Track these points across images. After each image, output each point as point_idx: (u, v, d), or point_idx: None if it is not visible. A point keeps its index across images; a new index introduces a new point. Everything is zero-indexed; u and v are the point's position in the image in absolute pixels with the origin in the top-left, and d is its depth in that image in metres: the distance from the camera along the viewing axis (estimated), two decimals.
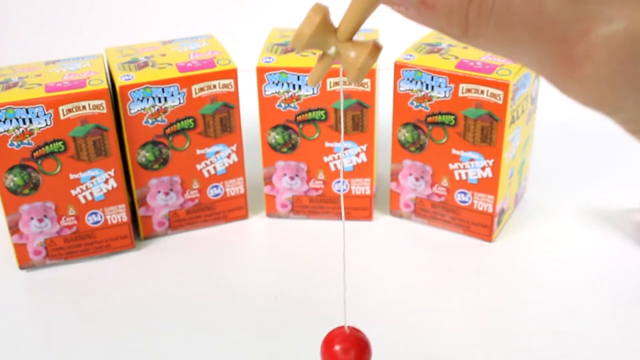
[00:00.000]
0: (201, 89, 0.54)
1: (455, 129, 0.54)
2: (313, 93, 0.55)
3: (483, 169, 0.55)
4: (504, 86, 0.51)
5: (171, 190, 0.57)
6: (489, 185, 0.55)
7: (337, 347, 0.36)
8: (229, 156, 0.58)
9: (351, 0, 0.25)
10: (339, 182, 0.59)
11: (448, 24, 0.21)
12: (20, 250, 0.54)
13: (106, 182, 0.54)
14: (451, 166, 0.56)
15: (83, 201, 0.54)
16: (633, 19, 0.19)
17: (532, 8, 0.19)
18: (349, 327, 0.37)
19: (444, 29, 0.21)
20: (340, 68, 0.28)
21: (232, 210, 0.60)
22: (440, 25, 0.21)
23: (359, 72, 0.26)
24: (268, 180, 0.59)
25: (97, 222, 0.55)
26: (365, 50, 0.26)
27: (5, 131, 0.50)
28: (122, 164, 0.55)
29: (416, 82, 0.54)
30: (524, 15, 0.20)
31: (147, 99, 0.53)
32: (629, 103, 0.20)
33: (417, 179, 0.58)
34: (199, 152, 0.57)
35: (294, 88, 0.55)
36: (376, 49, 0.26)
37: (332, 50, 0.26)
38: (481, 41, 0.21)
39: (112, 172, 0.54)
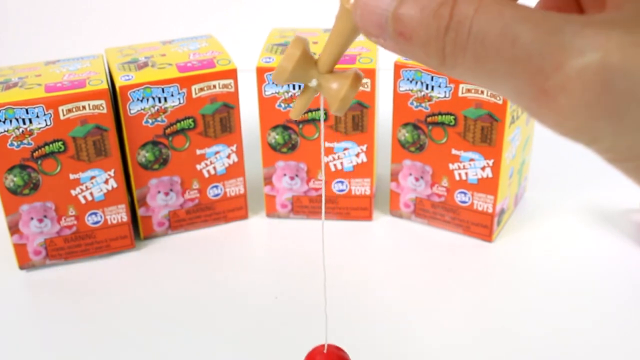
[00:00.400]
0: (201, 89, 0.54)
1: (455, 129, 0.54)
2: None
3: (483, 169, 0.55)
4: None
5: (171, 190, 0.57)
6: (488, 185, 0.55)
7: None
8: (229, 156, 0.58)
9: (330, 34, 0.25)
10: (339, 182, 0.59)
11: (425, 54, 0.21)
12: (20, 250, 0.54)
13: (106, 182, 0.54)
14: (451, 166, 0.56)
15: (83, 201, 0.54)
16: (606, 51, 0.19)
17: (506, 40, 0.20)
18: (328, 345, 0.36)
19: (422, 59, 0.22)
20: (322, 99, 0.28)
21: (232, 210, 0.60)
22: (417, 56, 0.22)
23: (341, 104, 0.27)
24: (268, 180, 0.59)
25: (97, 222, 0.55)
26: (346, 81, 0.26)
27: (5, 131, 0.50)
28: (122, 164, 0.55)
29: (416, 82, 0.54)
30: (499, 47, 0.20)
31: (147, 99, 0.53)
32: (606, 133, 0.20)
33: (417, 179, 0.58)
34: (199, 152, 0.57)
35: (294, 88, 0.55)
36: (357, 79, 0.27)
37: (313, 82, 0.27)
38: (458, 71, 0.21)
39: (112, 172, 0.54)
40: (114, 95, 0.54)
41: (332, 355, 0.36)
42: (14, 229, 0.53)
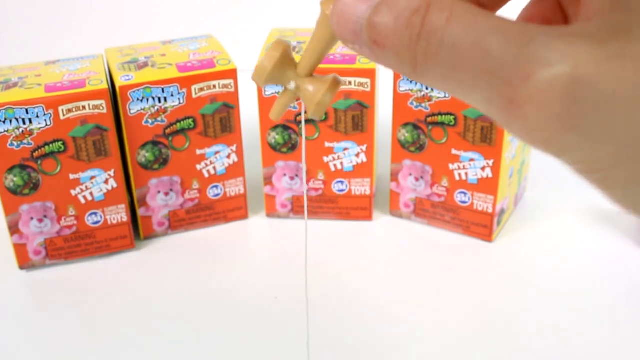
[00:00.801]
0: (201, 89, 0.54)
1: (455, 129, 0.54)
2: None
3: (483, 169, 0.55)
4: None
5: (171, 190, 0.57)
6: (488, 186, 0.55)
7: None
8: (229, 156, 0.58)
9: (311, 38, 0.26)
10: (339, 182, 0.59)
11: (398, 62, 0.22)
12: (20, 250, 0.54)
13: (106, 182, 0.54)
14: (451, 166, 0.56)
15: (83, 201, 0.54)
16: (576, 63, 0.19)
17: (477, 51, 0.20)
18: None
19: (395, 67, 0.22)
20: (302, 103, 0.28)
21: (232, 210, 0.60)
22: (391, 64, 0.22)
23: (317, 107, 0.27)
24: (268, 180, 0.60)
25: (97, 222, 0.55)
26: (324, 85, 0.27)
27: (5, 131, 0.50)
28: (122, 164, 0.55)
29: (416, 82, 0.54)
30: (470, 57, 0.20)
31: (147, 99, 0.53)
32: (575, 144, 0.20)
33: (417, 179, 0.58)
34: (199, 152, 0.57)
35: None
36: (335, 84, 0.27)
37: (292, 85, 0.27)
38: (429, 80, 0.21)
39: (112, 172, 0.54)
40: (114, 95, 0.54)
41: None
42: (14, 229, 0.53)
